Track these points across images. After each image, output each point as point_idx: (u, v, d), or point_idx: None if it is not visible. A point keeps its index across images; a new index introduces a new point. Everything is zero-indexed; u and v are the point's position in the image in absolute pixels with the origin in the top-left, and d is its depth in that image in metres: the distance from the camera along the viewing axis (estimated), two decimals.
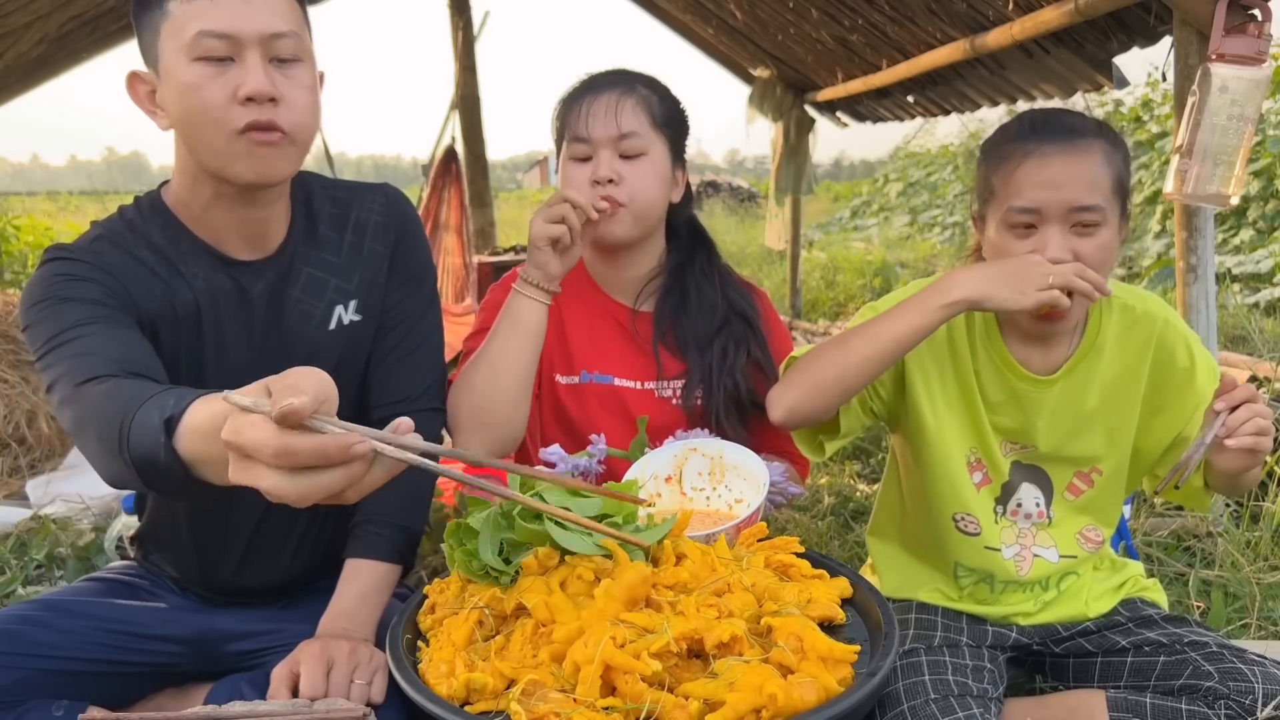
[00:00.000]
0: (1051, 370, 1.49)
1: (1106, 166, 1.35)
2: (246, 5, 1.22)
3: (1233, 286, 6.60)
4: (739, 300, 1.81)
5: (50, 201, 23.92)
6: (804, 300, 6.90)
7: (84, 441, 1.08)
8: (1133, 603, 1.57)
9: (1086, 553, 1.56)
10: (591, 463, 1.63)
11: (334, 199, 1.49)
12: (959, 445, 1.53)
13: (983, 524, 1.54)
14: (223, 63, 1.22)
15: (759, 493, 1.46)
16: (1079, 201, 1.33)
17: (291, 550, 1.53)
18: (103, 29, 4.79)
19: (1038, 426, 1.50)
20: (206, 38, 1.20)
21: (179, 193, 1.36)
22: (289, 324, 1.42)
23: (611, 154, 1.65)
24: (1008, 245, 1.39)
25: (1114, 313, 1.50)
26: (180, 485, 0.94)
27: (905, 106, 4.76)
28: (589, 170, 1.65)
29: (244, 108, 1.22)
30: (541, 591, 1.09)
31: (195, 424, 0.90)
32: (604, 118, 1.64)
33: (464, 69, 5.54)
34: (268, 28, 1.23)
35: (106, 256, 1.30)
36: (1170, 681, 1.39)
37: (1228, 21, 2.06)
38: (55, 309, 1.22)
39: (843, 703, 0.95)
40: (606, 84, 1.69)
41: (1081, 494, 1.56)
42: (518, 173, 51.45)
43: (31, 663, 1.28)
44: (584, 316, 1.79)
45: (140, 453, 0.95)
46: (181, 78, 1.22)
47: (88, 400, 1.08)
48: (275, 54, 1.25)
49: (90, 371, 1.11)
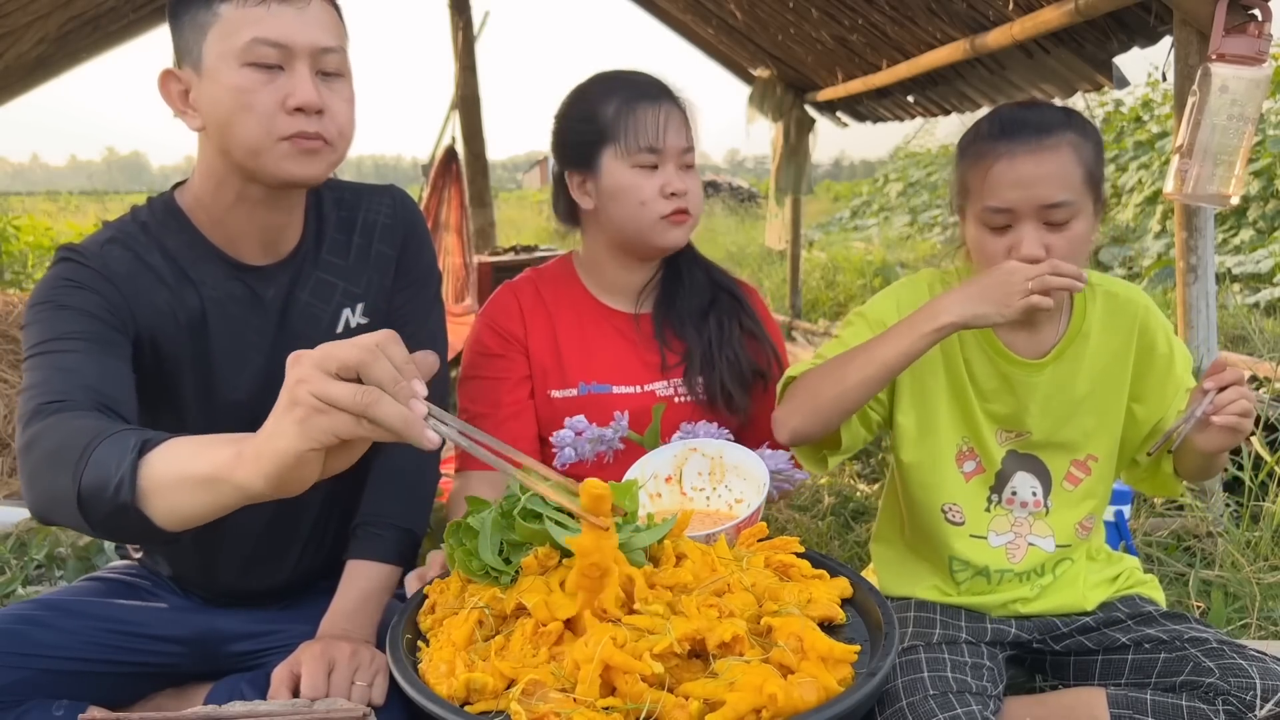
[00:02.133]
0: (1040, 354, 1.54)
1: (1076, 161, 1.39)
2: (300, 17, 1.26)
3: (1233, 286, 6.60)
4: (722, 277, 1.86)
5: (50, 201, 23.94)
6: (804, 300, 6.90)
7: (29, 454, 1.07)
8: (1131, 599, 1.58)
9: (1081, 541, 1.59)
10: (615, 437, 1.68)
11: (340, 201, 1.50)
12: (949, 436, 1.56)
13: (967, 514, 1.57)
14: (272, 70, 1.25)
15: (759, 493, 1.46)
16: (1050, 199, 1.38)
17: (295, 554, 1.54)
18: (103, 29, 4.80)
19: (1030, 411, 1.54)
20: (260, 44, 1.23)
21: (199, 195, 1.37)
22: (297, 327, 1.43)
23: (677, 165, 1.69)
24: (985, 243, 1.44)
25: (1098, 299, 1.55)
26: (120, 519, 0.96)
27: (905, 106, 4.76)
28: (657, 181, 1.67)
29: (291, 117, 1.26)
30: (541, 591, 1.09)
31: (174, 446, 0.95)
32: (675, 130, 1.68)
33: (464, 69, 5.53)
34: (319, 42, 1.27)
35: (115, 263, 1.30)
36: (1171, 678, 1.40)
37: (1228, 21, 2.06)
38: (52, 314, 1.23)
39: (843, 703, 0.95)
40: (663, 94, 1.70)
41: (1080, 483, 1.58)
42: (518, 173, 51.39)
43: (31, 663, 1.28)
44: (578, 329, 1.79)
45: (95, 473, 0.96)
46: (229, 80, 1.24)
47: (54, 419, 1.08)
48: (322, 67, 1.29)
49: (63, 394, 1.12)
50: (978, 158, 1.44)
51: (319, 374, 0.84)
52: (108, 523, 0.98)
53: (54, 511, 1.04)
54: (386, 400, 0.83)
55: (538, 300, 1.81)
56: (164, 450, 0.96)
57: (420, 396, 0.86)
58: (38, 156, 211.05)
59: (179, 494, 0.94)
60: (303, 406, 0.84)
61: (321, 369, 0.84)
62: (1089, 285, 1.55)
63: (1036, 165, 1.38)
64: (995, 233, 1.42)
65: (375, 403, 0.83)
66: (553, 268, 1.88)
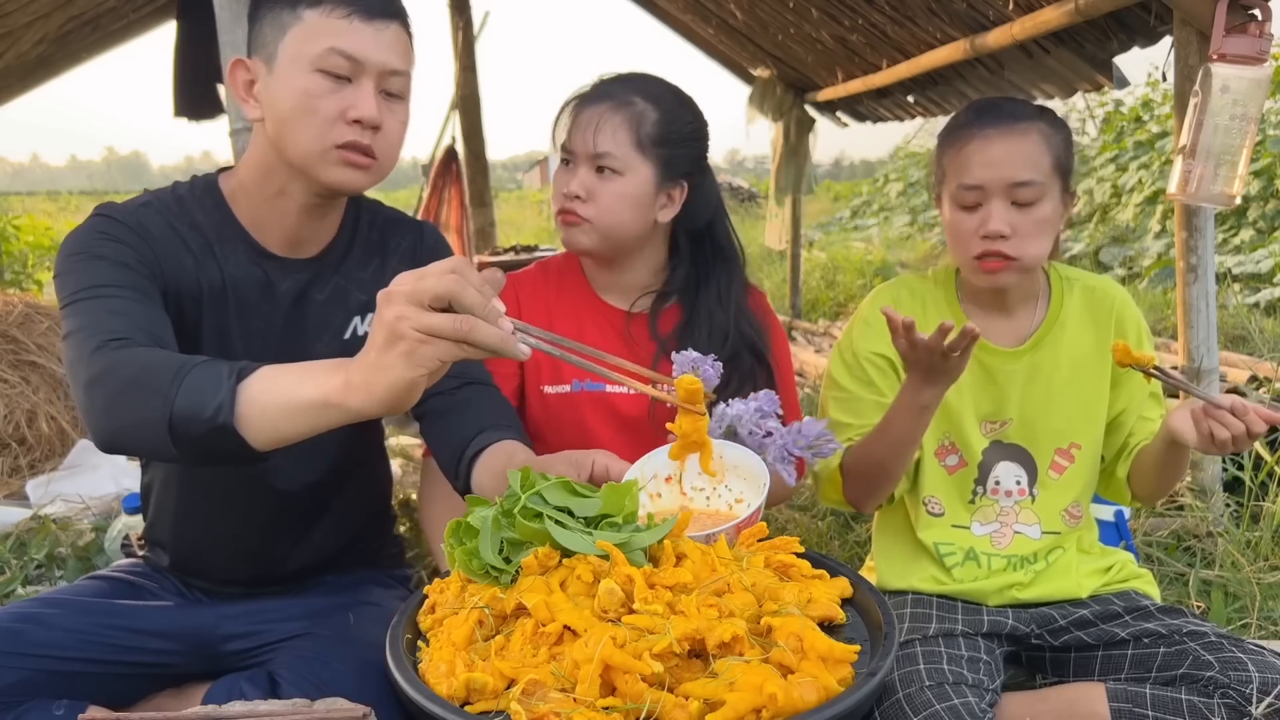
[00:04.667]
0: (1018, 343, 1.61)
1: (1045, 147, 1.49)
2: (377, 37, 1.32)
3: (1233, 286, 6.60)
4: (751, 334, 1.74)
5: (50, 201, 23.95)
6: (804, 300, 6.91)
7: (103, 385, 1.09)
8: (1128, 594, 1.60)
9: (1069, 528, 1.63)
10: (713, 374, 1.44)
11: (374, 224, 1.55)
12: (931, 432, 1.59)
13: (946, 505, 1.63)
14: (340, 81, 1.31)
15: (759, 493, 1.45)
16: (1017, 177, 1.47)
17: (297, 543, 1.55)
18: (103, 29, 4.80)
19: (1011, 399, 1.60)
20: (336, 55, 1.29)
21: (243, 180, 1.42)
22: (308, 328, 1.46)
23: (588, 169, 1.66)
24: (957, 221, 1.53)
25: (1075, 291, 1.63)
26: (212, 441, 1.01)
27: (905, 106, 4.76)
28: (568, 178, 1.67)
29: (349, 127, 1.31)
30: (541, 591, 1.09)
31: (271, 373, 1.02)
32: (583, 132, 1.65)
33: (464, 69, 5.53)
34: (389, 64, 1.33)
35: (149, 224, 1.35)
36: (1170, 672, 1.41)
37: (1228, 21, 2.06)
38: (89, 264, 1.26)
39: (843, 702, 0.95)
40: (600, 96, 1.67)
41: (1065, 471, 1.63)
42: (518, 173, 51.48)
43: (31, 663, 1.28)
44: (574, 324, 1.77)
45: (191, 398, 1.01)
46: (298, 82, 1.30)
47: (126, 352, 1.12)
48: (386, 87, 1.34)
49: (125, 332, 1.16)
50: (954, 141, 1.54)
51: (415, 309, 0.91)
52: (200, 444, 1.03)
53: (134, 438, 1.09)
54: (482, 324, 0.91)
55: (536, 294, 1.79)
56: (262, 377, 1.03)
57: (503, 312, 0.94)
58: (38, 156, 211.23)
59: (281, 417, 1.01)
60: (407, 340, 0.91)
61: (415, 303, 0.91)
62: (1066, 278, 1.66)
63: (1006, 146, 1.48)
64: (966, 211, 1.51)
65: (474, 329, 0.91)
66: (559, 262, 1.86)
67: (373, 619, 1.39)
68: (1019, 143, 1.48)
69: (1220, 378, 2.66)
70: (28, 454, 3.43)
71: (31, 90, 5.28)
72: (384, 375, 0.93)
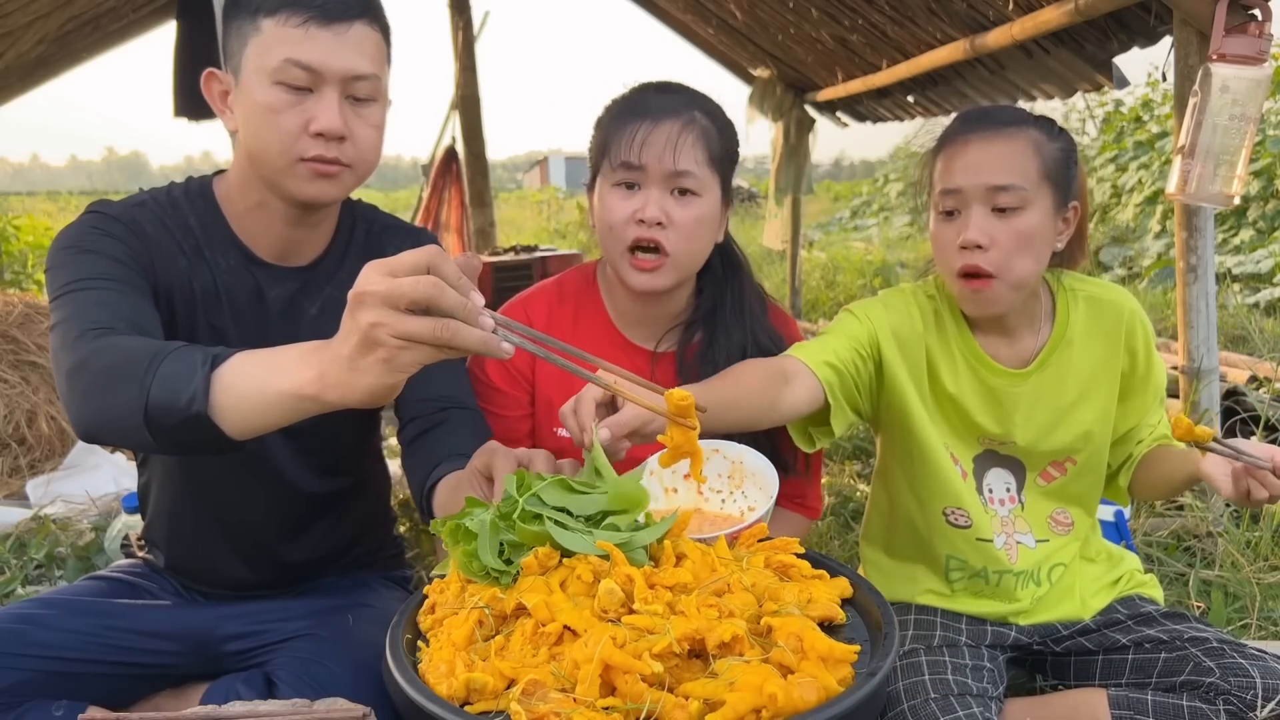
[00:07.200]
0: (1023, 364, 1.53)
1: (1032, 153, 1.40)
2: (337, 43, 1.26)
3: (1233, 286, 6.60)
4: (768, 344, 1.64)
5: (50, 201, 23.94)
6: (804, 300, 6.90)
7: (81, 374, 1.08)
8: (1131, 600, 1.58)
9: (1058, 535, 1.58)
10: None
11: (369, 232, 1.52)
12: (937, 443, 1.55)
13: (973, 516, 1.55)
14: (300, 92, 1.26)
15: (768, 501, 1.44)
16: (994, 181, 1.38)
17: (293, 544, 1.54)
18: (103, 29, 4.80)
19: (1016, 422, 1.53)
20: (292, 66, 1.24)
21: (230, 188, 1.40)
22: (301, 339, 1.42)
23: (663, 192, 1.48)
24: (938, 231, 1.46)
25: (1080, 304, 1.54)
26: (188, 430, 0.99)
27: (905, 106, 4.76)
28: (634, 203, 1.48)
29: (312, 140, 1.27)
30: (541, 591, 1.09)
31: (245, 361, 0.99)
32: (661, 149, 1.46)
33: (464, 69, 5.53)
34: (352, 69, 1.27)
35: (143, 222, 1.34)
36: (1171, 678, 1.40)
37: (1228, 21, 2.06)
38: (80, 257, 1.25)
39: (843, 703, 0.95)
40: (667, 110, 1.49)
41: (1054, 480, 1.58)
42: (518, 173, 51.41)
43: (31, 663, 1.28)
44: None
45: (165, 386, 0.99)
46: (258, 97, 1.26)
47: (106, 340, 1.10)
48: (352, 93, 1.29)
49: (107, 322, 1.14)
50: (938, 150, 1.47)
51: (391, 313, 0.86)
52: (175, 433, 1.01)
53: (111, 427, 1.06)
54: (462, 327, 0.88)
55: (551, 321, 1.64)
56: (237, 364, 1.00)
57: (482, 308, 0.91)
58: (38, 156, 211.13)
59: (257, 407, 0.98)
60: (385, 347, 0.88)
61: (392, 306, 0.87)
62: (1070, 290, 1.55)
63: (987, 149, 1.40)
64: (946, 219, 1.44)
65: (455, 334, 0.88)
66: (576, 283, 1.69)
67: (372, 620, 1.39)
68: (1002, 146, 1.39)
69: (1220, 378, 2.66)
70: (28, 454, 3.43)
71: (31, 90, 5.28)
72: (362, 378, 0.91)
